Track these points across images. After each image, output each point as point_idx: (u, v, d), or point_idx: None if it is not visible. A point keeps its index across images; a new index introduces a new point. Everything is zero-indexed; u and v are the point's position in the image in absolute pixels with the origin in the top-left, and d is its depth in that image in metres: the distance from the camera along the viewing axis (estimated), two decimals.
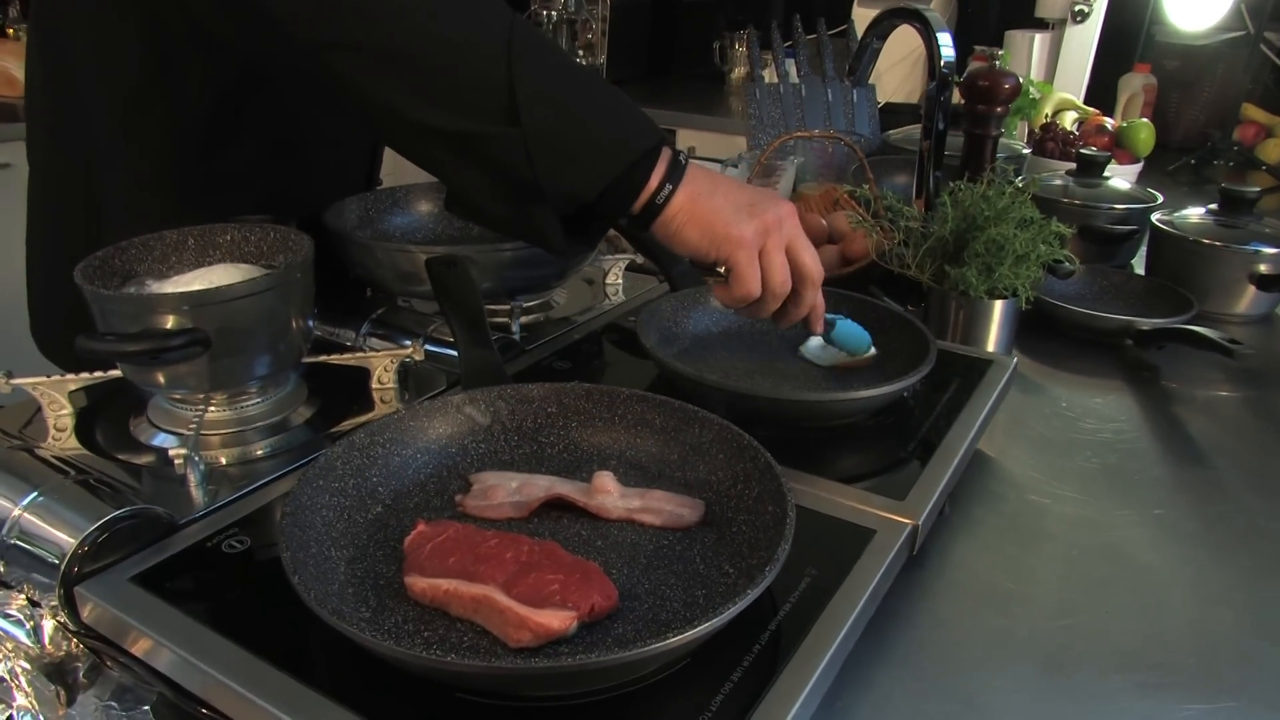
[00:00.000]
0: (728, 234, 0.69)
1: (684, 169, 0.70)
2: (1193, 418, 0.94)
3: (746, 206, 0.70)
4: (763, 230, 0.70)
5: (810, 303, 0.75)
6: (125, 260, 0.78)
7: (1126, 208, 1.26)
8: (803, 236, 0.73)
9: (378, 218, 1.05)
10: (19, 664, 0.56)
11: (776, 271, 0.71)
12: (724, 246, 0.70)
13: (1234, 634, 0.64)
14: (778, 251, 0.71)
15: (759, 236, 0.70)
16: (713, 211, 0.70)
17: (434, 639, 0.50)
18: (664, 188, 0.69)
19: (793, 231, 0.72)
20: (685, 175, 0.70)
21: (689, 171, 0.71)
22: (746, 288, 0.71)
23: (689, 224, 0.70)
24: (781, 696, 0.48)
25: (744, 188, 0.73)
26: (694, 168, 0.71)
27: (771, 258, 0.71)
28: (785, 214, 0.72)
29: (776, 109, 1.61)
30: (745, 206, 0.70)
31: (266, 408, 0.77)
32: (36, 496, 0.60)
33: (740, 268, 0.70)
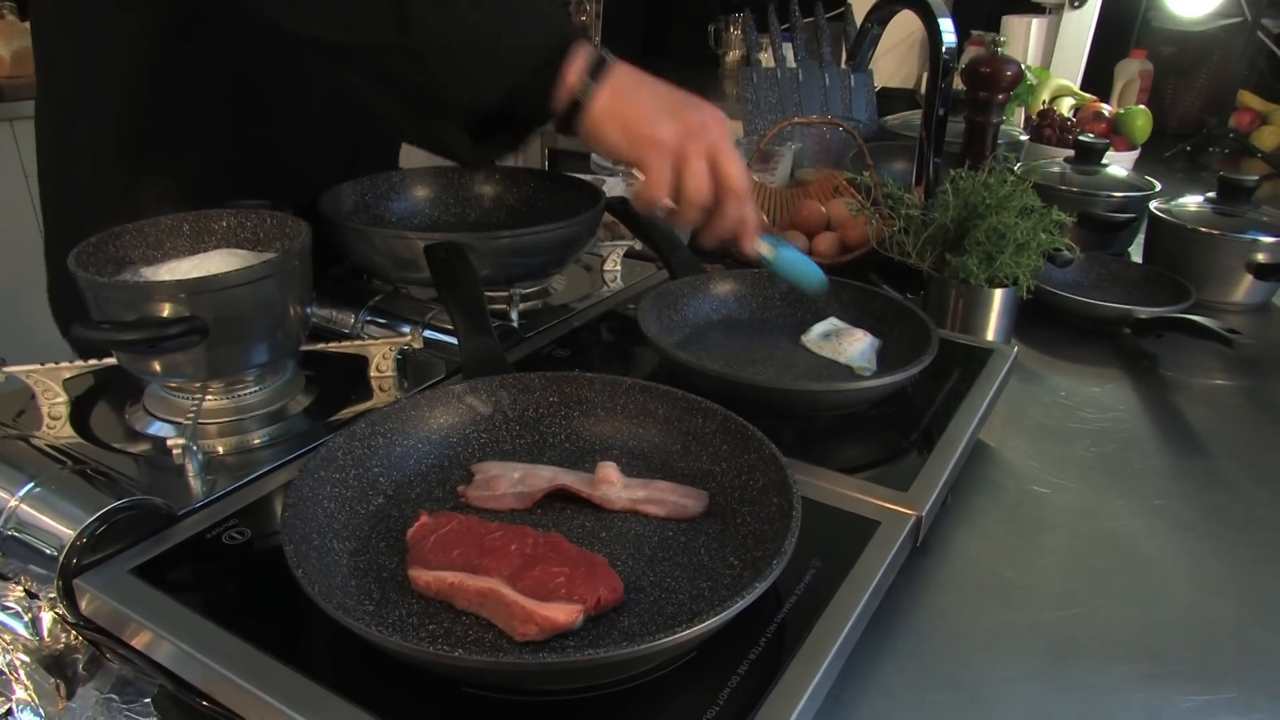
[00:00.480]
0: (645, 134, 0.68)
1: (608, 65, 0.68)
2: (1190, 406, 0.95)
3: (670, 109, 0.68)
4: (683, 134, 0.68)
5: (734, 216, 0.72)
6: (120, 246, 0.76)
7: (1125, 195, 1.26)
8: (729, 145, 0.70)
9: (374, 203, 1.04)
10: (17, 657, 0.56)
11: (692, 177, 0.69)
12: (639, 146, 0.68)
13: (1234, 624, 0.65)
14: (697, 158, 0.69)
15: (677, 140, 0.68)
16: (635, 109, 0.68)
17: (439, 632, 0.50)
18: (584, 85, 0.67)
19: (717, 139, 0.70)
20: (610, 72, 0.68)
21: (615, 69, 0.69)
22: (654, 192, 0.69)
23: (610, 121, 0.68)
24: (788, 690, 0.48)
25: (669, 89, 0.71)
26: (622, 66, 0.69)
27: (690, 164, 0.69)
28: (710, 120, 0.70)
29: (773, 94, 1.60)
30: (669, 109, 0.68)
31: (264, 396, 0.77)
32: (33, 487, 0.59)
33: (652, 171, 0.68)
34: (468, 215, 1.10)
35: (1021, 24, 1.99)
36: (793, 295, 0.91)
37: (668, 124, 0.68)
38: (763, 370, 0.82)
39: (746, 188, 0.71)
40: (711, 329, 0.89)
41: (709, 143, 0.69)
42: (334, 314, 0.91)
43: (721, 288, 0.92)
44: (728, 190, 0.70)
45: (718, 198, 0.70)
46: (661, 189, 0.69)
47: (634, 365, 0.85)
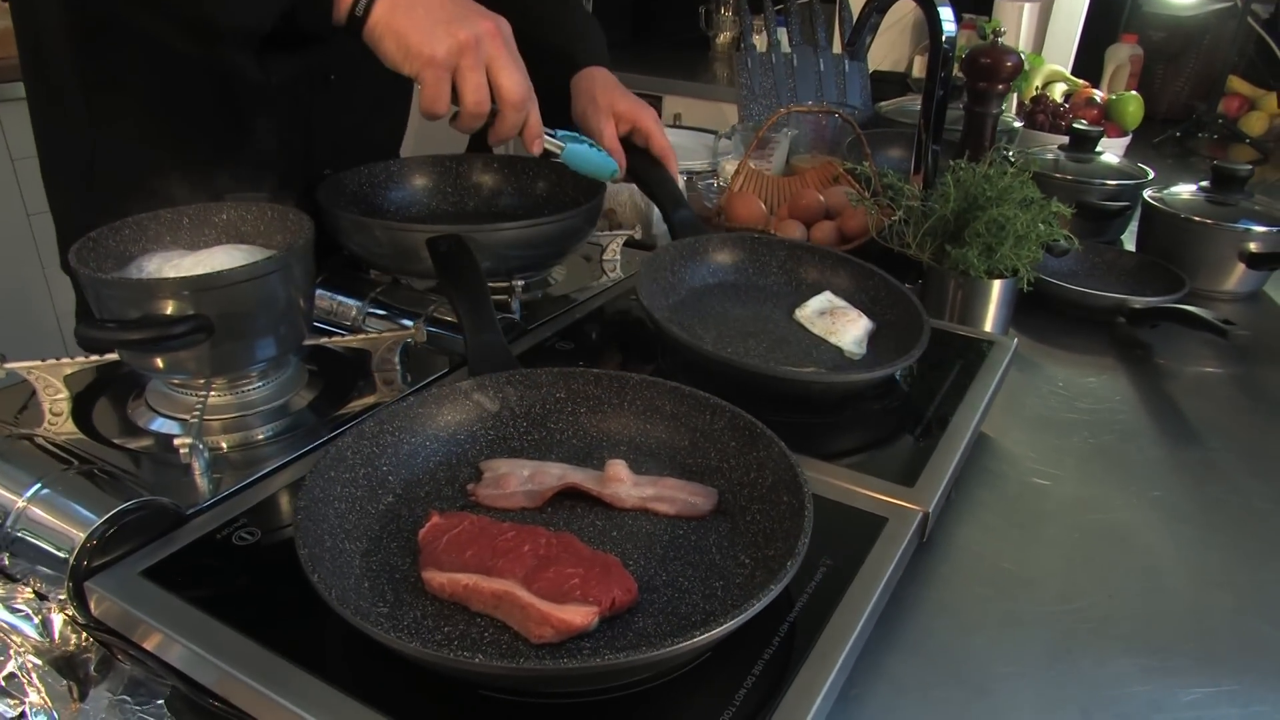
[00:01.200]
0: (420, 50, 0.71)
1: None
2: (1185, 396, 0.96)
3: (445, 22, 0.71)
4: (456, 49, 0.71)
5: (513, 123, 0.76)
6: (119, 241, 0.76)
7: (1119, 184, 1.27)
8: (505, 56, 0.73)
9: (372, 192, 1.03)
10: (29, 659, 0.55)
11: (469, 91, 0.73)
12: (414, 62, 0.72)
13: (1234, 617, 0.66)
14: (472, 71, 0.72)
15: (451, 55, 0.71)
16: (410, 25, 0.71)
17: (455, 635, 0.50)
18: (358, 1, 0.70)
19: (492, 50, 0.73)
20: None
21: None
22: (429, 106, 0.73)
23: (387, 35, 0.72)
24: (804, 689, 0.48)
25: (450, 1, 0.73)
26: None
27: (465, 76, 0.72)
28: (485, 32, 0.72)
29: (768, 79, 1.59)
30: (444, 22, 0.71)
31: (268, 392, 0.76)
32: (40, 488, 0.59)
33: (427, 85, 0.72)
34: (466, 204, 1.09)
35: (1014, 8, 1.99)
36: (789, 264, 0.92)
37: (442, 39, 0.71)
38: (754, 346, 0.82)
39: (522, 96, 0.74)
40: (709, 294, 0.90)
41: (484, 55, 0.72)
42: (335, 306, 0.90)
43: (720, 253, 0.93)
44: (503, 100, 0.74)
45: (497, 106, 0.74)
46: (438, 103, 0.73)
47: (638, 357, 0.85)
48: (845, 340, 0.81)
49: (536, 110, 0.77)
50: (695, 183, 1.32)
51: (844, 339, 0.81)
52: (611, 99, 0.98)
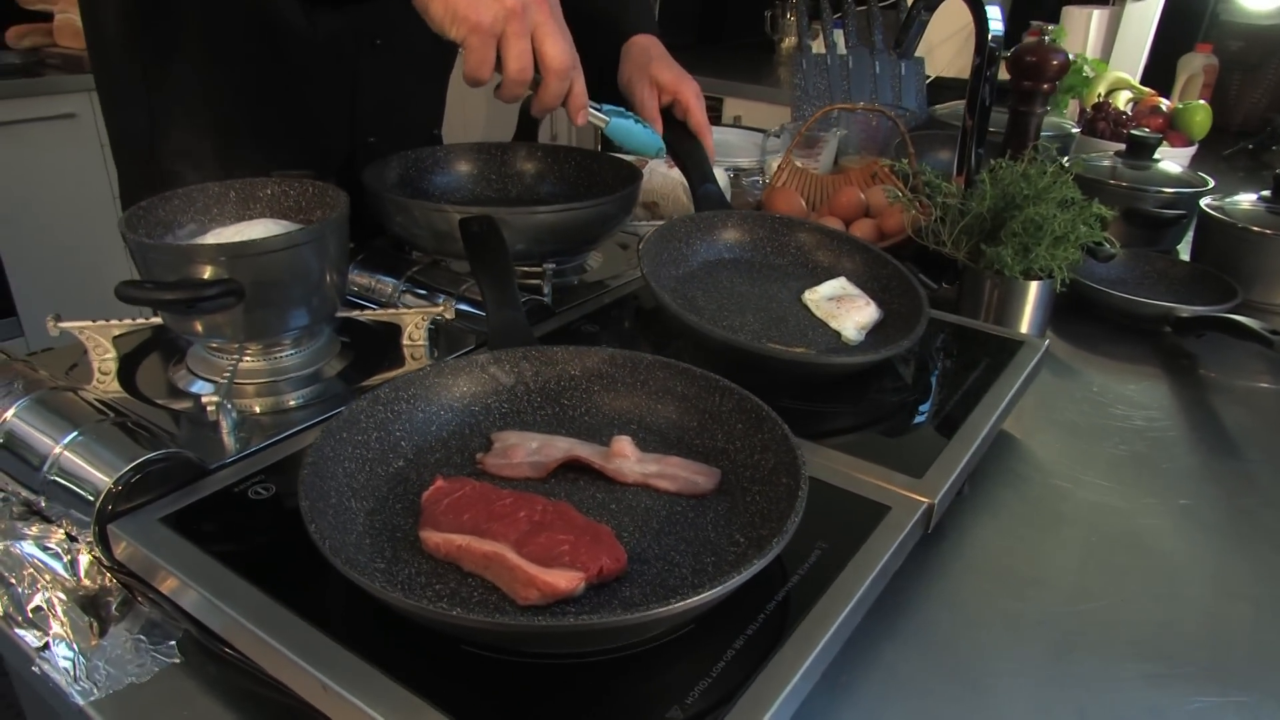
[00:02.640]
0: (466, 15, 0.70)
1: None
2: (1228, 408, 0.93)
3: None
4: (503, 14, 0.70)
5: (556, 92, 0.75)
6: (169, 210, 0.79)
7: (1175, 191, 1.23)
8: (550, 23, 0.73)
9: (417, 176, 1.06)
10: (56, 595, 0.59)
11: (514, 59, 0.72)
12: (460, 27, 0.71)
13: (1251, 629, 0.64)
14: (518, 39, 0.72)
15: (497, 22, 0.71)
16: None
17: (445, 592, 0.52)
18: None
19: (539, 17, 0.72)
20: None
21: None
22: (474, 71, 0.73)
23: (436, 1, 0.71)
24: (782, 666, 0.48)
25: None
26: None
27: (510, 43, 0.72)
28: (534, 2, 0.72)
29: (822, 80, 1.58)
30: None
31: (300, 359, 0.79)
32: (77, 436, 0.62)
33: (472, 51, 0.71)
34: (509, 191, 1.11)
35: (1082, 15, 1.94)
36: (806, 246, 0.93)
37: (489, 5, 0.70)
38: (749, 322, 0.83)
39: (566, 64, 0.73)
40: (719, 269, 0.91)
41: (530, 22, 0.71)
42: (373, 283, 0.93)
43: (738, 231, 0.94)
44: (547, 68, 0.73)
45: (541, 75, 0.74)
46: (482, 68, 0.72)
47: (660, 341, 0.86)
48: (846, 325, 0.81)
49: (581, 80, 0.76)
50: (741, 179, 1.32)
51: (845, 324, 0.81)
52: (656, 69, 0.99)
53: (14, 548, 0.60)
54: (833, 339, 0.82)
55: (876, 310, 0.86)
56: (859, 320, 0.84)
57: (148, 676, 0.55)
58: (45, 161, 2.29)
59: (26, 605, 0.58)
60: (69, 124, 2.30)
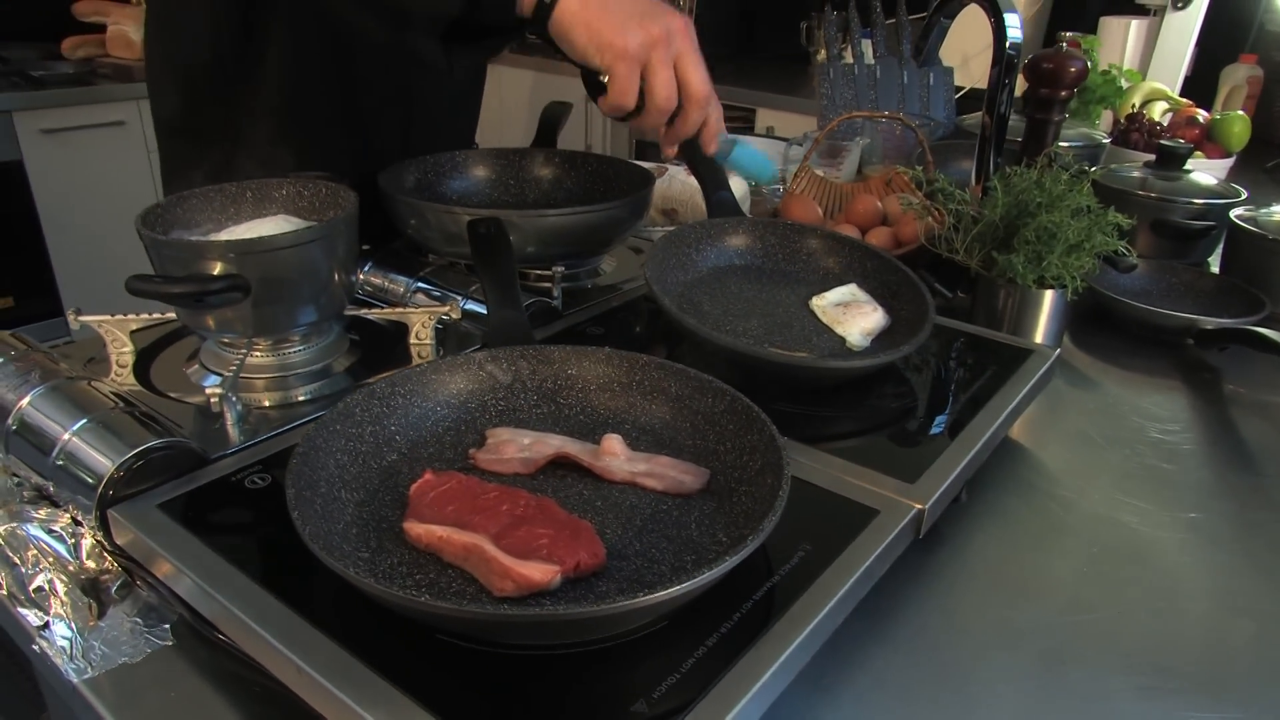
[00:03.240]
0: (611, 43, 0.70)
1: None
2: (1248, 422, 0.90)
3: (637, 16, 0.70)
4: (648, 43, 0.70)
5: (695, 121, 0.74)
6: (186, 210, 0.82)
7: (1205, 203, 1.21)
8: (693, 53, 0.71)
9: (435, 181, 1.08)
10: (58, 576, 0.61)
11: (660, 87, 0.71)
12: (606, 55, 0.70)
13: (1253, 645, 0.62)
14: (663, 66, 0.71)
15: (643, 49, 0.70)
16: (602, 17, 0.70)
17: (424, 582, 0.53)
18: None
19: (682, 47, 0.71)
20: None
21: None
22: (621, 99, 0.72)
23: (577, 26, 0.71)
24: (752, 665, 0.48)
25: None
26: None
27: (656, 72, 0.71)
28: (676, 28, 0.71)
29: (849, 90, 1.58)
30: (636, 16, 0.70)
31: (309, 355, 0.81)
32: (86, 423, 0.64)
33: (619, 79, 0.71)
34: (526, 196, 1.13)
35: (1119, 25, 1.91)
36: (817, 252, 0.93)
37: (635, 32, 0.70)
38: (754, 327, 0.83)
39: (708, 93, 0.73)
40: (728, 274, 0.91)
41: (674, 50, 0.71)
42: (386, 283, 0.95)
43: (748, 237, 0.94)
44: (689, 97, 0.72)
45: (681, 103, 0.73)
46: (628, 96, 0.72)
47: (663, 343, 0.86)
48: (851, 331, 0.80)
49: (719, 109, 0.76)
50: (761, 187, 1.32)
51: (850, 330, 0.80)
52: None
53: (20, 529, 0.62)
54: (837, 344, 0.82)
55: (884, 316, 0.85)
56: (865, 326, 0.83)
57: (140, 657, 0.57)
58: (94, 167, 2.37)
59: (29, 585, 0.60)
60: (118, 131, 2.38)
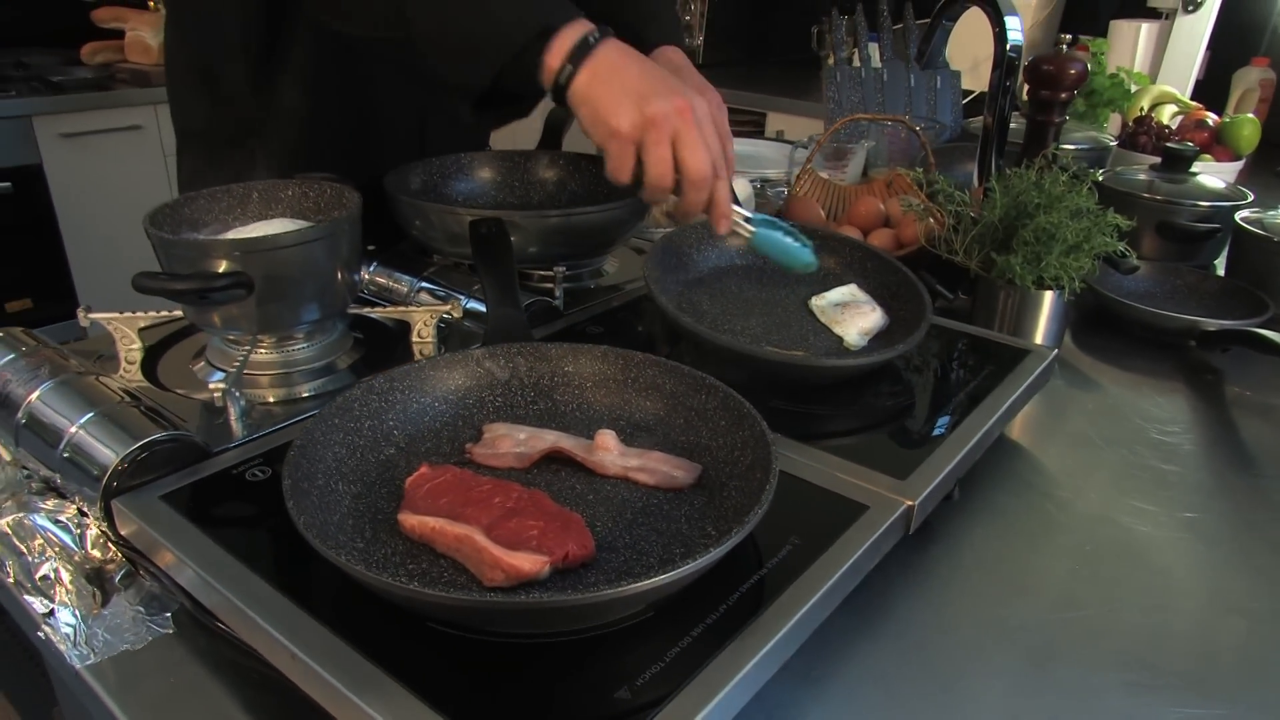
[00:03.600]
0: (606, 122, 0.72)
1: (592, 48, 0.73)
2: (1249, 423, 0.90)
3: (638, 96, 0.72)
4: (642, 123, 0.71)
5: (695, 201, 0.75)
6: (193, 210, 0.83)
7: (1211, 205, 1.21)
8: (692, 134, 0.72)
9: (441, 183, 1.09)
10: (63, 565, 0.62)
11: (653, 165, 0.73)
12: (600, 132, 0.73)
13: (1243, 643, 0.62)
14: (657, 146, 0.72)
15: (635, 129, 0.72)
16: (604, 96, 0.72)
17: (416, 571, 0.54)
18: (564, 68, 0.73)
19: (680, 127, 0.72)
20: (591, 55, 0.73)
21: (599, 51, 0.73)
22: (613, 174, 0.75)
23: (583, 105, 0.73)
24: (735, 655, 0.49)
25: (655, 75, 0.74)
26: (609, 48, 0.73)
27: (650, 151, 0.72)
28: (675, 109, 0.72)
29: (856, 93, 1.59)
30: (637, 96, 0.72)
31: (313, 352, 0.82)
32: (92, 416, 0.66)
33: (610, 158, 0.74)
34: (531, 198, 1.14)
35: (1130, 29, 1.91)
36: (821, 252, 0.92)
37: (629, 113, 0.71)
38: (752, 326, 0.83)
39: (705, 175, 0.73)
40: (728, 274, 0.92)
41: (671, 131, 0.72)
42: (391, 282, 0.96)
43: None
44: (686, 178, 0.73)
45: (680, 184, 0.74)
46: (620, 173, 0.74)
47: (661, 342, 0.87)
48: (848, 331, 0.81)
49: (725, 189, 0.76)
50: (766, 190, 1.33)
51: (848, 329, 0.81)
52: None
53: (28, 519, 0.64)
54: (835, 344, 0.83)
55: (882, 317, 0.86)
56: (862, 326, 0.84)
57: (142, 644, 0.58)
58: (111, 171, 2.40)
59: (35, 573, 0.61)
60: (135, 135, 2.41)
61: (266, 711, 0.54)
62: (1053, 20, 2.31)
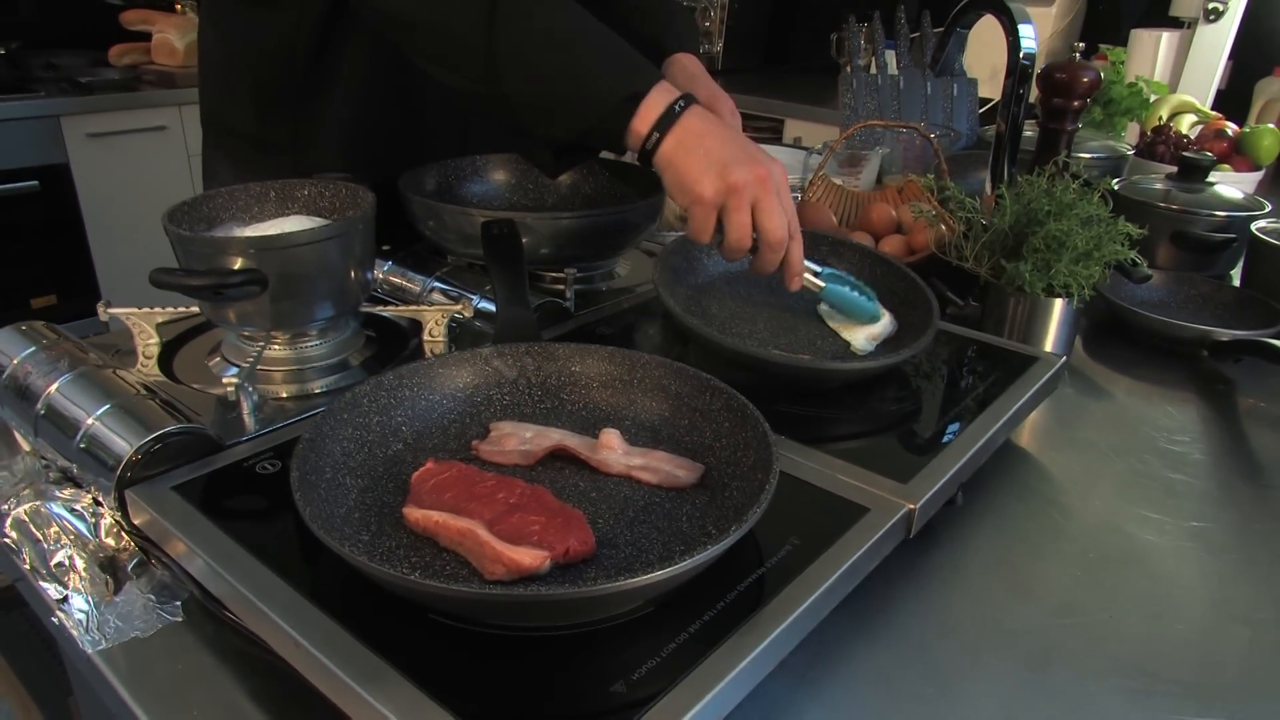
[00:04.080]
0: (690, 189, 0.75)
1: (678, 117, 0.76)
2: (1260, 433, 0.90)
3: (719, 165, 0.75)
4: (725, 190, 0.75)
5: (770, 261, 0.78)
6: (212, 208, 0.85)
7: (1227, 215, 1.20)
8: (771, 201, 0.76)
9: (456, 184, 1.10)
10: (78, 553, 0.63)
11: (733, 229, 0.76)
12: (685, 198, 0.76)
13: (1246, 652, 0.62)
14: (738, 212, 0.75)
15: (718, 195, 0.75)
16: (688, 163, 0.76)
17: (419, 564, 0.55)
18: (651, 135, 0.76)
19: (759, 193, 0.75)
20: (677, 123, 0.76)
21: (683, 119, 0.76)
22: (695, 236, 0.78)
23: (668, 170, 0.77)
24: (731, 653, 0.49)
25: (735, 143, 0.77)
26: (693, 116, 0.77)
27: (731, 217, 0.76)
28: (755, 178, 0.75)
29: (872, 100, 1.59)
30: (719, 164, 0.75)
31: (326, 349, 0.83)
32: (108, 408, 0.67)
33: (693, 221, 0.77)
34: (545, 200, 1.15)
35: (1150, 38, 1.90)
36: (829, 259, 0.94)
37: (713, 181, 0.75)
38: (759, 330, 0.84)
39: (781, 238, 0.77)
40: (740, 280, 0.93)
41: (751, 198, 0.75)
42: (404, 282, 0.97)
43: None
44: (764, 240, 0.77)
45: (758, 246, 0.78)
46: (703, 235, 0.78)
47: (670, 344, 0.88)
48: (857, 336, 0.81)
49: (798, 249, 0.80)
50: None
51: (855, 335, 0.81)
52: (695, 89, 1.02)
53: (44, 508, 0.65)
54: (842, 348, 0.83)
55: (891, 322, 0.86)
56: (871, 331, 0.84)
57: (152, 631, 0.59)
58: (136, 171, 2.44)
59: (50, 560, 0.63)
60: (160, 135, 2.44)
61: (272, 699, 0.55)
62: (1074, 29, 2.30)
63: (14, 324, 0.79)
